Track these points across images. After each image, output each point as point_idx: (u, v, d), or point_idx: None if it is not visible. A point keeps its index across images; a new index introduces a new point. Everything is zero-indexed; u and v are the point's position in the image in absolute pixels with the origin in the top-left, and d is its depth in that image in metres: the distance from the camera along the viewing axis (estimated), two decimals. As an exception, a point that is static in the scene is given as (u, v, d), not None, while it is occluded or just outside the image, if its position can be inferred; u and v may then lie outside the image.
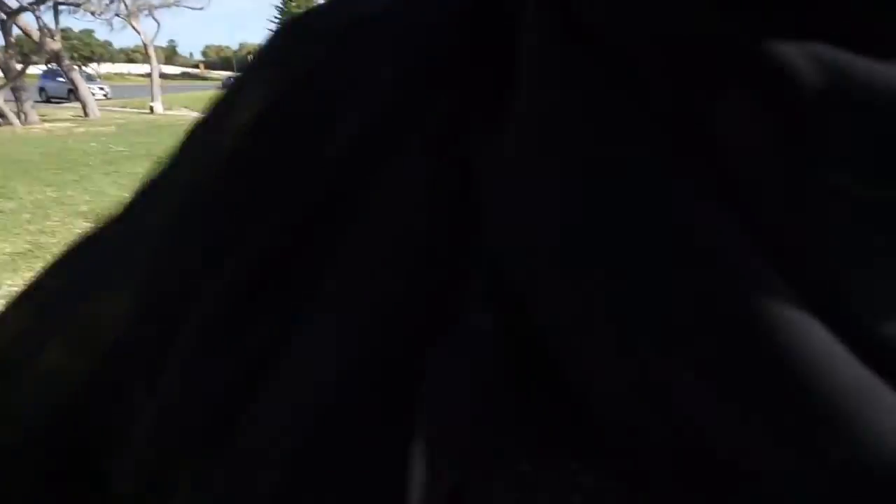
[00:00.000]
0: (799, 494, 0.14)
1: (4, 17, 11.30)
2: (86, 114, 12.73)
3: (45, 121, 11.95)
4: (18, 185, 6.13)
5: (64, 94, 23.00)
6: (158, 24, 16.08)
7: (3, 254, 4.13)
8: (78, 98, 13.06)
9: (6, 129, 10.71)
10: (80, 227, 4.72)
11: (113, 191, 5.89)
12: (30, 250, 4.31)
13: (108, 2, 12.69)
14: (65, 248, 0.26)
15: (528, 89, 0.18)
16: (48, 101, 23.13)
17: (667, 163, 0.16)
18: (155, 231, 0.23)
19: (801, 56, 0.15)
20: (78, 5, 12.14)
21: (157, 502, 0.19)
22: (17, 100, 11.51)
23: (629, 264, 0.15)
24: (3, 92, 11.29)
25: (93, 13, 12.57)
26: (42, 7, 12.27)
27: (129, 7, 13.26)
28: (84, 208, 5.35)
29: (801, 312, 0.14)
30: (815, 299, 0.14)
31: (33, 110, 11.88)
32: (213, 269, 0.20)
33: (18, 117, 11.28)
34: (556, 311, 0.16)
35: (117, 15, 13.13)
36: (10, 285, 3.52)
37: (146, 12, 14.32)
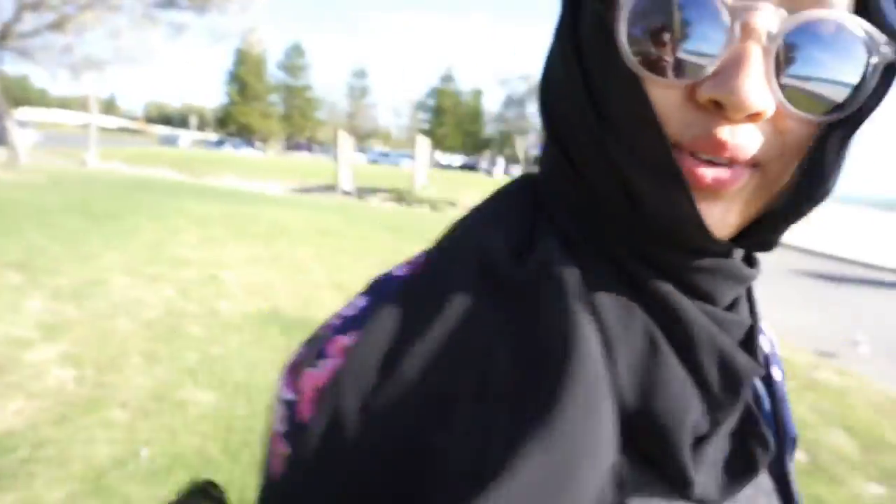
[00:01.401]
0: None
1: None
2: (15, 160, 12.34)
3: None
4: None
5: (-11, 134, 21.95)
6: (103, 77, 15.96)
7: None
8: (7, 142, 12.69)
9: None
10: (10, 279, 4.63)
11: (44, 243, 5.79)
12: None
13: (60, 54, 12.60)
14: None
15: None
16: (-29, 140, 22.01)
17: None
18: None
19: None
20: (30, 54, 12.00)
21: None
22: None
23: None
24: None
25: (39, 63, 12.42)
26: (-14, 51, 12.03)
27: (79, 61, 13.20)
28: (12, 259, 5.23)
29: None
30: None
31: (-41, 152, 11.41)
32: None
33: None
34: None
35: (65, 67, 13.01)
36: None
37: (95, 68, 14.27)
